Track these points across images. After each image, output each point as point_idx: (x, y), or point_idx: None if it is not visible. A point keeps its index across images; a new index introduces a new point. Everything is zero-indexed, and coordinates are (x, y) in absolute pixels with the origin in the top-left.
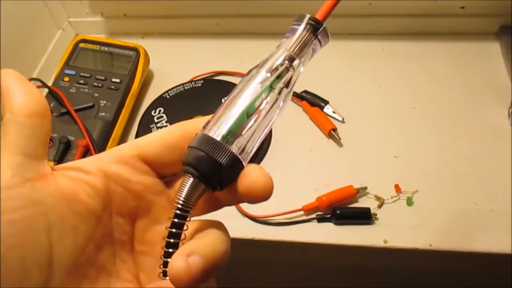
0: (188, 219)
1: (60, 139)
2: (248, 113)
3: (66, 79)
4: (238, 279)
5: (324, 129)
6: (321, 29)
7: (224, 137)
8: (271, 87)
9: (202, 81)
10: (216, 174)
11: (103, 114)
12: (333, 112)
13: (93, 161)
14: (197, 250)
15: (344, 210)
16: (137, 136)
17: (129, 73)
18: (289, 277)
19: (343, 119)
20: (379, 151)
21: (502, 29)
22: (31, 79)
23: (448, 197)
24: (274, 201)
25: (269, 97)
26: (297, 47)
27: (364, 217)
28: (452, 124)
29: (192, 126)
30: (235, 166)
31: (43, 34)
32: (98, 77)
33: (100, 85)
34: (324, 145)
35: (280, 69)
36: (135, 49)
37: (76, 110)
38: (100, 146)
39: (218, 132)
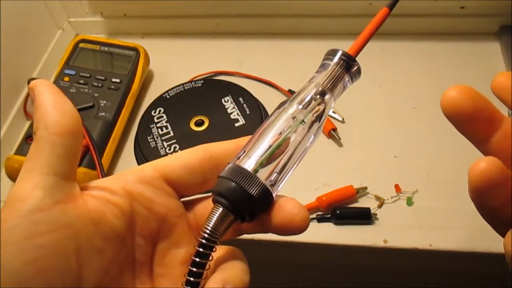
0: (214, 249)
1: None
2: (279, 146)
3: (66, 79)
4: None
5: (324, 129)
6: (354, 66)
7: (255, 170)
8: (302, 121)
9: (202, 81)
10: (247, 205)
11: (103, 114)
12: (333, 112)
13: (118, 181)
14: (230, 280)
15: (344, 210)
16: (137, 136)
17: (129, 73)
18: (289, 277)
19: (343, 119)
20: (379, 151)
21: (502, 29)
22: (31, 79)
23: (448, 197)
24: None
25: (300, 130)
26: (329, 82)
27: (364, 217)
28: (451, 124)
29: (215, 149)
30: (266, 198)
31: (43, 34)
32: (98, 77)
33: (100, 85)
34: (324, 145)
35: (313, 103)
36: (135, 49)
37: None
38: (100, 146)
39: (249, 164)
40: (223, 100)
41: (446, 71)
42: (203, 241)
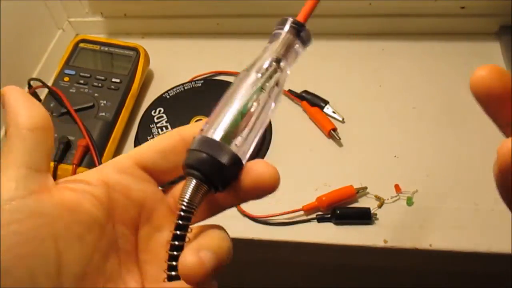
0: (191, 220)
1: (60, 139)
2: (242, 114)
3: (66, 79)
4: (238, 279)
5: (324, 129)
6: (304, 31)
7: (222, 138)
8: (261, 88)
9: (202, 81)
10: (219, 173)
11: (103, 114)
12: (333, 112)
13: (94, 173)
14: (205, 246)
15: (344, 210)
16: (137, 136)
17: (129, 73)
18: (289, 277)
19: (343, 119)
20: (379, 151)
21: (502, 29)
22: (31, 79)
23: (448, 197)
24: (274, 201)
25: (260, 98)
26: (282, 49)
27: (364, 217)
28: (452, 124)
29: (188, 131)
30: (236, 165)
31: (43, 34)
32: (98, 77)
33: (100, 85)
34: (324, 145)
35: (269, 70)
36: (135, 49)
37: (76, 110)
38: (100, 146)
39: (216, 134)
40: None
41: (446, 71)
42: (181, 213)
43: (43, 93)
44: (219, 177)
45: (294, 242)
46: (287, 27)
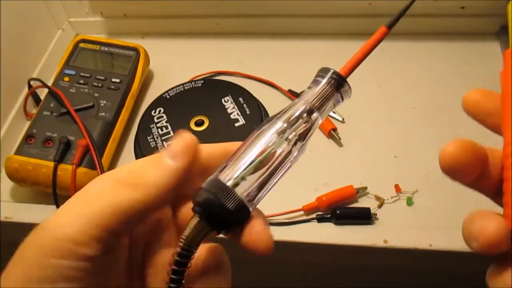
0: (192, 257)
1: (60, 139)
2: (261, 161)
3: (66, 79)
4: (238, 279)
5: (324, 129)
6: (345, 86)
7: (235, 184)
8: (286, 138)
9: (202, 81)
10: (222, 218)
11: (103, 114)
12: (333, 112)
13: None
14: None
15: (344, 210)
16: (137, 136)
17: (129, 73)
18: (289, 277)
19: (343, 119)
20: (379, 151)
21: (502, 29)
22: (31, 79)
23: (448, 197)
24: (274, 201)
25: (283, 148)
26: (318, 101)
27: (364, 217)
28: (452, 124)
29: (202, 152)
30: (242, 212)
31: (43, 34)
32: (98, 77)
33: (100, 85)
34: (324, 145)
35: (298, 121)
36: (135, 49)
37: (76, 110)
38: (100, 146)
39: (230, 177)
40: (223, 100)
41: (446, 71)
42: (181, 251)
43: (43, 93)
44: (222, 221)
45: (294, 242)
46: (326, 78)
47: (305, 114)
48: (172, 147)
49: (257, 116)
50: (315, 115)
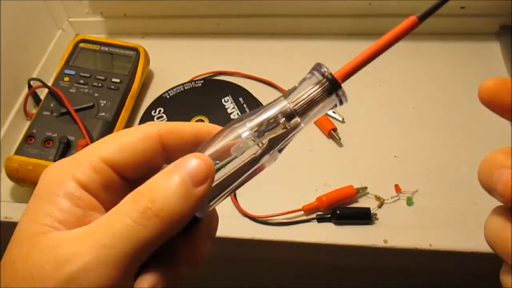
0: None
1: (60, 139)
2: (222, 166)
3: (66, 79)
4: (238, 279)
5: (324, 129)
6: (337, 90)
7: None
8: (254, 141)
9: (202, 81)
10: None
11: (103, 114)
12: (333, 112)
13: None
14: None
15: (344, 210)
16: None
17: (129, 73)
18: (289, 277)
19: (343, 119)
20: (379, 151)
21: (502, 29)
22: (31, 79)
23: (448, 197)
24: (274, 201)
25: (251, 152)
26: (303, 104)
27: (364, 217)
28: (452, 124)
29: (171, 137)
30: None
31: (43, 34)
32: (98, 77)
33: (100, 85)
34: (324, 145)
35: (271, 124)
36: (135, 49)
37: (76, 110)
38: None
39: None
40: (223, 100)
41: (446, 71)
42: None
43: (43, 93)
44: None
45: (294, 242)
46: (318, 78)
47: (283, 118)
48: (195, 172)
49: None
50: (294, 120)
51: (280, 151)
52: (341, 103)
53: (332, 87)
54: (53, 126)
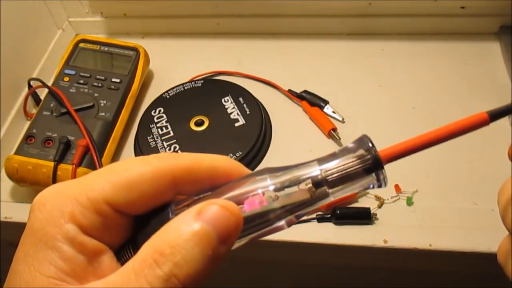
0: None
1: (60, 139)
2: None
3: (66, 79)
4: (238, 279)
5: (324, 129)
6: (377, 171)
7: None
8: (275, 207)
9: (202, 81)
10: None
11: (103, 114)
12: (333, 112)
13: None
14: None
15: (344, 210)
16: (136, 136)
17: (129, 73)
18: (288, 277)
19: (343, 119)
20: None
21: (502, 29)
22: (31, 79)
23: (448, 197)
24: None
25: (262, 210)
26: (336, 175)
27: (364, 217)
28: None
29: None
30: None
31: (43, 34)
32: (98, 77)
33: (100, 85)
34: (324, 145)
35: (298, 190)
36: (135, 49)
37: (76, 110)
38: (100, 146)
39: None
40: (223, 100)
41: (446, 71)
42: None
43: (43, 93)
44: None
45: (294, 242)
46: (360, 152)
47: (310, 184)
48: (225, 230)
49: (257, 116)
50: (323, 189)
51: (297, 217)
52: (378, 185)
53: (373, 166)
54: (53, 126)
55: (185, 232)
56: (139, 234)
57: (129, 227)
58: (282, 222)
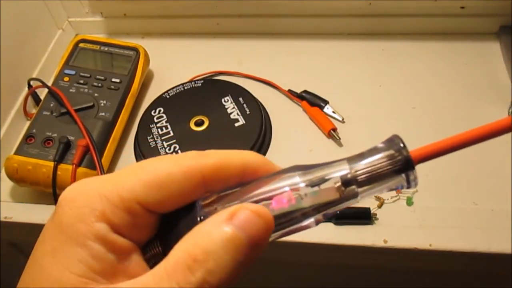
0: None
1: (60, 139)
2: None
3: (66, 79)
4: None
5: (324, 129)
6: (408, 171)
7: None
8: (302, 198)
9: (202, 81)
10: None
11: (103, 114)
12: (333, 112)
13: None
14: None
15: (344, 210)
16: (136, 136)
17: (129, 73)
18: (289, 277)
19: (343, 119)
20: None
21: (502, 29)
22: (31, 79)
23: (448, 197)
24: None
25: (290, 208)
26: (366, 174)
27: (364, 217)
28: (452, 124)
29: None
30: None
31: (43, 34)
32: (98, 77)
33: (100, 85)
34: (324, 145)
35: (327, 189)
36: (135, 49)
37: (76, 110)
38: (100, 146)
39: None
40: (223, 100)
41: (446, 71)
42: None
43: (43, 93)
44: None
45: (294, 242)
46: (391, 151)
47: (339, 183)
48: (257, 238)
49: (257, 116)
50: (352, 189)
51: (325, 216)
52: (408, 186)
53: (404, 166)
54: (53, 126)
55: (218, 238)
56: (168, 232)
57: (156, 224)
58: (309, 221)
